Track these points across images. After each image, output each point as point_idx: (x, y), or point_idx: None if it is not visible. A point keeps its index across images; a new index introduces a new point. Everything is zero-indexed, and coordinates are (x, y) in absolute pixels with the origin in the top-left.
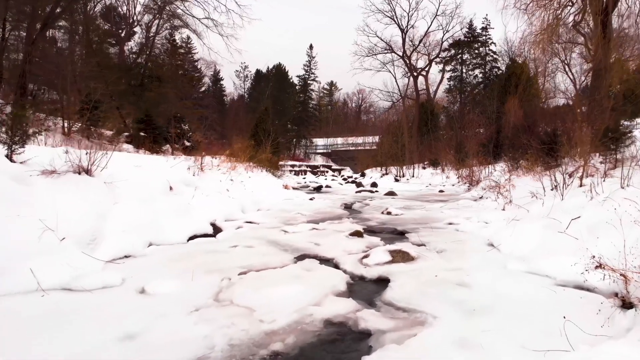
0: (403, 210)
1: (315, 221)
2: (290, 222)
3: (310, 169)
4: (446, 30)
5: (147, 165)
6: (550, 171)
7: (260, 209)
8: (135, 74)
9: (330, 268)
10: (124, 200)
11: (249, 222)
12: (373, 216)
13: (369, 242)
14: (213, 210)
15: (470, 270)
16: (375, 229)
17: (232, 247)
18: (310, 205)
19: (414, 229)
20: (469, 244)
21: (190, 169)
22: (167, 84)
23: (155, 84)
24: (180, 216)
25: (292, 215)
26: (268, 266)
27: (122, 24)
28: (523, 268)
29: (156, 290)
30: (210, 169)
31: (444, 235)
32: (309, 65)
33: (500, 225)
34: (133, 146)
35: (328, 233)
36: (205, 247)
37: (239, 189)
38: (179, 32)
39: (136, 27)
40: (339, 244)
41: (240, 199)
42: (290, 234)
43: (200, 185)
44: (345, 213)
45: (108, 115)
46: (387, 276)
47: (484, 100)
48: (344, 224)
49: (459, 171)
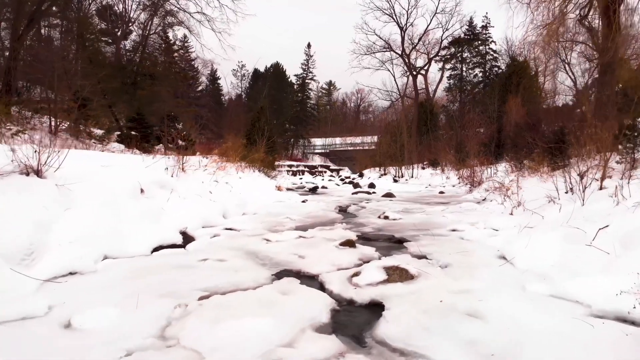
0: (401, 214)
1: (304, 227)
2: (276, 229)
3: (308, 169)
4: (446, 29)
5: (118, 164)
6: (562, 172)
7: (246, 212)
8: (129, 71)
9: (313, 290)
10: (79, 206)
11: (229, 228)
12: (369, 221)
13: (362, 253)
14: (189, 216)
15: (482, 292)
16: (371, 237)
17: (201, 261)
18: (301, 208)
19: (413, 236)
20: (477, 256)
21: (169, 169)
22: (161, 82)
23: (149, 82)
24: (149, 223)
25: (280, 220)
26: (238, 287)
27: (119, 23)
28: (546, 290)
29: (85, 324)
30: (195, 169)
31: (448, 244)
32: (307, 64)
33: (511, 233)
34: (124, 145)
35: (316, 242)
36: (170, 260)
37: (224, 191)
38: (173, 29)
39: (132, 25)
40: (327, 256)
41: (224, 202)
42: (273, 243)
43: (178, 188)
44: (338, 217)
45: (99, 114)
46: (382, 301)
47: (484, 99)
48: (335, 230)
49: (460, 172)
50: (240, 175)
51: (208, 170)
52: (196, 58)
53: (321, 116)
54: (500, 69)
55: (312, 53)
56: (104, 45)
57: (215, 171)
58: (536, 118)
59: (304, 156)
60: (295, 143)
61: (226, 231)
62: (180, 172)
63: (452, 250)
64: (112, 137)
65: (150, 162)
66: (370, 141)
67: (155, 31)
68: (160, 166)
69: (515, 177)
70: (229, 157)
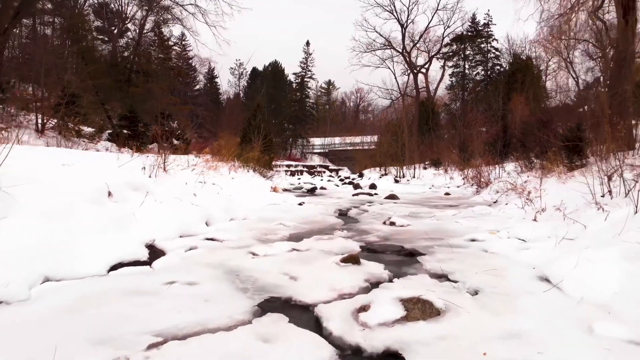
0: (409, 220)
1: (300, 236)
2: (267, 238)
3: (307, 169)
4: (447, 26)
5: (86, 163)
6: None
7: (234, 218)
8: (122, 68)
9: (306, 333)
10: (20, 214)
11: (211, 238)
12: (372, 227)
13: (368, 272)
14: (164, 224)
15: (536, 337)
16: (376, 248)
17: (166, 285)
18: (298, 212)
19: (427, 247)
20: (512, 277)
21: (147, 168)
22: (154, 79)
23: (143, 79)
24: (113, 233)
25: (272, 227)
26: (205, 327)
27: (115, 21)
28: (625, 334)
29: None
30: (183, 169)
31: (470, 259)
32: (306, 62)
33: (545, 246)
34: (115, 144)
35: (313, 256)
36: (127, 283)
37: (211, 193)
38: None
39: (128, 23)
40: (326, 277)
41: (209, 206)
42: (261, 258)
43: (156, 190)
44: (338, 222)
45: (90, 111)
46: (401, 351)
47: (488, 96)
48: (335, 240)
49: (464, 172)
50: (232, 175)
51: (197, 170)
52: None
53: (320, 115)
54: (502, 67)
55: (311, 51)
56: (100, 44)
57: (205, 171)
58: (548, 115)
59: (303, 156)
60: (293, 143)
61: (206, 242)
62: (161, 172)
63: (477, 267)
64: (103, 136)
65: (126, 160)
66: (370, 141)
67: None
68: (137, 165)
69: (528, 177)
70: (223, 156)
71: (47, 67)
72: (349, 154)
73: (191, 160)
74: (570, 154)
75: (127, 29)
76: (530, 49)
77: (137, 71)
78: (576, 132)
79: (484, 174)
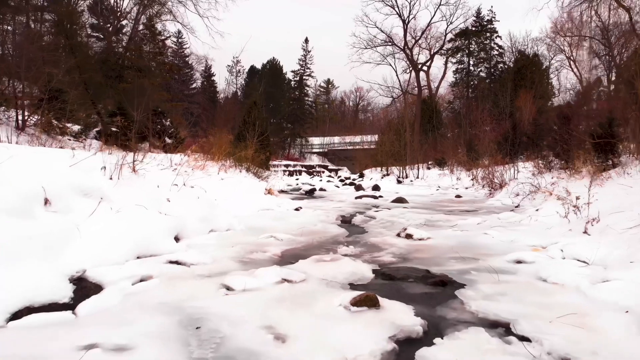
0: (428, 231)
1: (294, 254)
2: (251, 259)
3: (306, 169)
4: (450, 22)
5: (19, 161)
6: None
7: (215, 229)
8: (113, 64)
9: None
10: None
11: (175, 261)
12: (384, 240)
13: (392, 322)
14: (117, 241)
15: None
16: (394, 273)
17: (81, 350)
18: (294, 219)
19: (461, 273)
20: (610, 331)
21: (107, 168)
22: (146, 74)
23: (134, 74)
24: (34, 259)
25: (261, 240)
26: None
27: (110, 18)
28: None
29: None
30: (162, 169)
31: (529, 294)
32: (305, 59)
33: (630, 276)
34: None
35: (310, 292)
36: (25, 347)
37: (190, 198)
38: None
39: (123, 20)
40: (330, 335)
41: (184, 215)
42: (237, 294)
43: (115, 195)
44: (341, 233)
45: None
46: None
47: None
48: (340, 262)
49: (472, 172)
50: (222, 176)
51: (180, 170)
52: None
53: (319, 115)
54: (505, 65)
55: (309, 48)
56: (95, 41)
57: (190, 171)
58: (569, 111)
59: (302, 156)
60: (292, 142)
61: (168, 267)
62: (129, 172)
63: (545, 309)
64: (90, 134)
65: (82, 157)
66: (370, 140)
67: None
68: (97, 165)
69: (553, 178)
70: (213, 154)
71: (28, 60)
72: (349, 153)
73: (177, 159)
74: (601, 153)
75: (122, 26)
76: (532, 47)
77: (128, 67)
78: (607, 128)
79: (497, 174)
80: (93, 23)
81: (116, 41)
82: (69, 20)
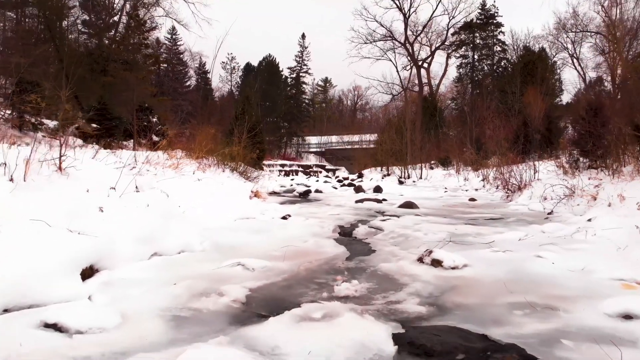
0: (458, 252)
1: (267, 296)
2: (192, 315)
3: (302, 169)
4: (452, 16)
5: None
6: None
7: (160, 251)
8: (97, 57)
9: None
10: None
11: (53, 325)
12: (401, 269)
13: None
14: None
15: None
16: (428, 342)
17: None
18: (278, 232)
19: (543, 341)
20: None
21: (11, 166)
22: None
23: (119, 66)
24: None
25: (222, 271)
26: None
27: (103, 14)
28: None
29: None
30: (117, 168)
31: None
32: (302, 56)
33: None
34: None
35: None
36: None
37: (137, 206)
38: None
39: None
40: None
41: (116, 232)
42: None
43: (10, 205)
44: (340, 255)
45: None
46: None
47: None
48: (337, 320)
49: (482, 172)
50: (200, 176)
51: (140, 168)
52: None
53: (317, 114)
54: (509, 61)
55: (306, 44)
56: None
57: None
58: (599, 103)
59: (298, 155)
60: (288, 141)
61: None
62: (52, 171)
63: None
64: (69, 130)
65: None
66: (369, 139)
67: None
68: None
69: (589, 178)
70: (192, 150)
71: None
72: (347, 153)
73: (154, 157)
74: None
75: (114, 22)
76: (534, 44)
77: (114, 60)
78: None
79: (515, 174)
80: (85, 20)
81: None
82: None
